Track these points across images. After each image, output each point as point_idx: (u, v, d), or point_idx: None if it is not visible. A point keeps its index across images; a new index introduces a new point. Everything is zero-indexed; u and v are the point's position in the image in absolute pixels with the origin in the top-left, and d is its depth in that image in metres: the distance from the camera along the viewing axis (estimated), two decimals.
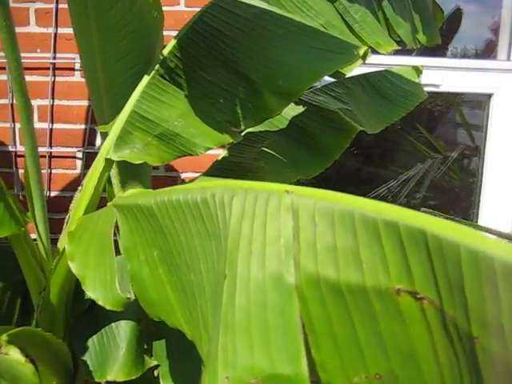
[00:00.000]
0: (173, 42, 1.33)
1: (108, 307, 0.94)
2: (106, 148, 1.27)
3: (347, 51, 1.38)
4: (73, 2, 1.39)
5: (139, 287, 0.90)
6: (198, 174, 1.80)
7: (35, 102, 2.06)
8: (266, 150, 1.74)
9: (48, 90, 2.05)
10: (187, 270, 0.82)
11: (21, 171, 2.08)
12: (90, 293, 0.94)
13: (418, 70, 1.99)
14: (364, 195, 0.65)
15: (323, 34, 1.40)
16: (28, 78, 1.35)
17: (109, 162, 1.26)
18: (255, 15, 1.38)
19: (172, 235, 0.84)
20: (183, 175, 2.10)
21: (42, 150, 2.01)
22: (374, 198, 4.02)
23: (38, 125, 2.08)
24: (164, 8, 1.47)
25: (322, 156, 1.79)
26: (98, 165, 1.26)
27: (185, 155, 1.30)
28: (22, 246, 1.16)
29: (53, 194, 2.12)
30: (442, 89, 2.59)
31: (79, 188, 1.28)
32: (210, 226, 0.76)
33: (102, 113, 1.46)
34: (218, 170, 1.74)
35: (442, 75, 2.57)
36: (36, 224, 1.22)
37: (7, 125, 2.09)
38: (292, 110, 1.80)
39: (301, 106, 1.80)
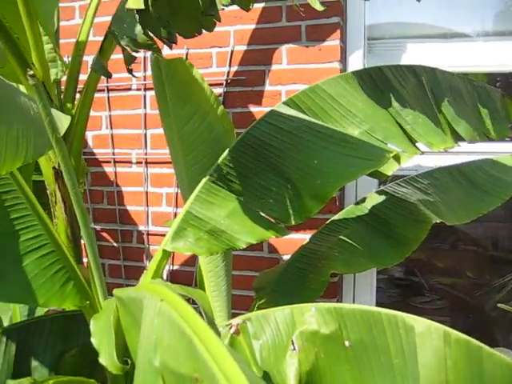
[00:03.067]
0: (224, 154, 1.61)
1: (113, 372, 1.21)
2: (165, 241, 1.57)
3: (376, 157, 1.51)
4: (162, 117, 1.77)
5: (133, 354, 1.16)
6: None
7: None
8: (343, 238, 1.88)
9: (143, 179, 2.47)
10: None
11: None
12: (102, 360, 1.22)
13: None
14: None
15: (357, 141, 1.55)
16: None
17: (165, 253, 1.56)
18: (296, 128, 1.59)
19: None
20: (284, 257, 2.32)
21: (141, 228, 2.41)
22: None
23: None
24: None
25: (401, 246, 1.86)
26: (157, 254, 1.57)
27: (230, 248, 1.54)
28: (89, 313, 1.51)
29: None
30: None
31: (144, 272, 1.60)
32: None
33: (185, 197, 1.79)
34: (301, 255, 1.93)
35: None
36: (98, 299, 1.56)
37: None
38: (374, 201, 1.92)
39: (383, 196, 1.91)
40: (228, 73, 2.41)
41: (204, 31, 1.37)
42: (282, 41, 2.36)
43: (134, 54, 1.53)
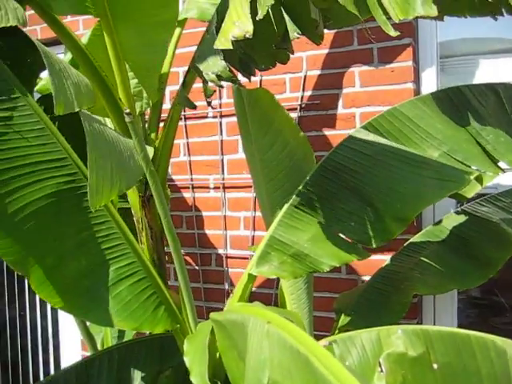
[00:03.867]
0: (305, 179, 1.65)
1: None
2: (250, 265, 1.62)
3: (458, 179, 1.51)
4: (244, 144, 1.83)
5: (231, 375, 1.20)
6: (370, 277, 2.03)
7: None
8: (423, 259, 1.87)
9: (221, 203, 2.52)
10: None
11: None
12: (193, 379, 1.27)
13: None
14: None
15: (437, 164, 1.55)
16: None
17: (251, 277, 1.61)
18: (376, 152, 1.62)
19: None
20: (363, 278, 2.32)
21: (220, 252, 2.47)
22: None
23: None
24: None
25: (485, 267, 1.84)
26: (243, 278, 1.62)
27: (313, 272, 1.58)
28: (179, 336, 1.58)
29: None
30: None
31: (231, 295, 1.66)
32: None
33: (267, 222, 1.83)
34: (381, 276, 1.94)
35: None
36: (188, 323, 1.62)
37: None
38: (454, 221, 1.90)
39: (463, 216, 1.89)
40: (302, 97, 2.46)
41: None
42: (354, 64, 2.39)
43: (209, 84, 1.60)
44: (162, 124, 1.89)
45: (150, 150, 1.49)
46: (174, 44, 2.01)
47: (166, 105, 2.39)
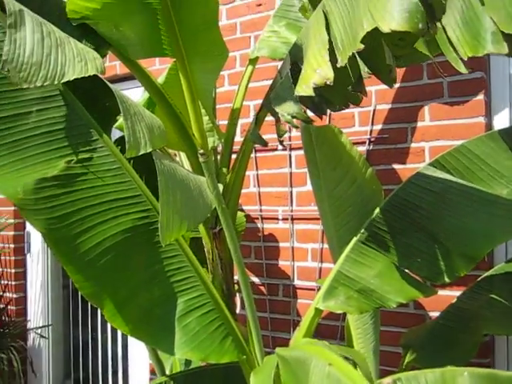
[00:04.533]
0: (373, 215, 1.66)
1: None
2: (316, 299, 1.65)
3: None
4: (312, 179, 1.88)
5: None
6: (438, 313, 2.01)
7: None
8: (495, 297, 1.83)
9: (290, 234, 2.55)
10: None
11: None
12: None
13: None
14: None
15: (506, 202, 1.53)
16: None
17: (317, 311, 1.63)
18: (443, 189, 1.62)
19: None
20: (430, 313, 2.28)
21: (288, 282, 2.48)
22: None
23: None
24: None
25: None
26: (309, 312, 1.65)
27: (380, 307, 1.58)
28: (246, 366, 1.61)
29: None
30: None
31: (297, 327, 1.68)
32: None
33: (334, 256, 1.86)
34: (450, 313, 1.91)
35: None
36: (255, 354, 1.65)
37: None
38: None
39: None
40: (371, 131, 2.48)
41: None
42: (424, 98, 2.39)
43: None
44: (233, 155, 1.96)
45: (221, 187, 1.55)
46: (246, 80, 2.09)
47: (237, 137, 2.46)
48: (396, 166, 2.42)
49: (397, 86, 2.45)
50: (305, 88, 1.25)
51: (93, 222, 1.38)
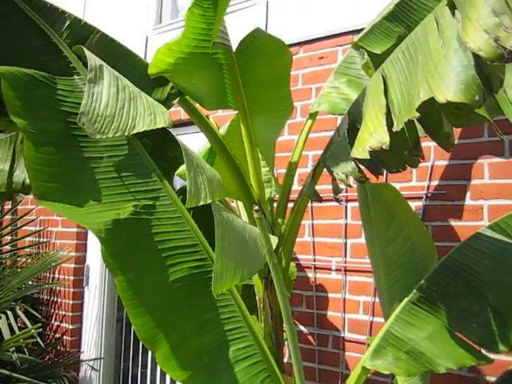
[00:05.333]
0: (426, 276, 1.65)
1: None
2: (364, 357, 1.63)
3: None
4: (366, 235, 1.88)
5: None
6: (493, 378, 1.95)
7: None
8: None
9: (342, 286, 2.52)
10: None
11: None
12: None
13: None
14: None
15: None
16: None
17: (364, 369, 1.62)
18: (500, 253, 1.60)
19: None
20: (487, 378, 2.20)
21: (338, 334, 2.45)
22: None
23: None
24: None
25: None
26: (356, 370, 1.64)
27: (429, 372, 1.56)
28: None
29: None
30: None
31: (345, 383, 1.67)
32: None
33: (385, 313, 1.84)
34: (506, 380, 1.85)
35: None
36: None
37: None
38: None
39: None
40: (428, 187, 2.47)
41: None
42: (483, 155, 2.37)
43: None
44: (289, 203, 2.00)
45: (275, 239, 1.58)
46: (305, 133, 2.14)
47: (295, 185, 2.49)
48: (453, 223, 2.39)
49: (456, 142, 2.44)
50: (361, 151, 1.28)
51: (153, 268, 1.44)
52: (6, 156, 2.12)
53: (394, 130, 1.25)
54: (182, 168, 2.13)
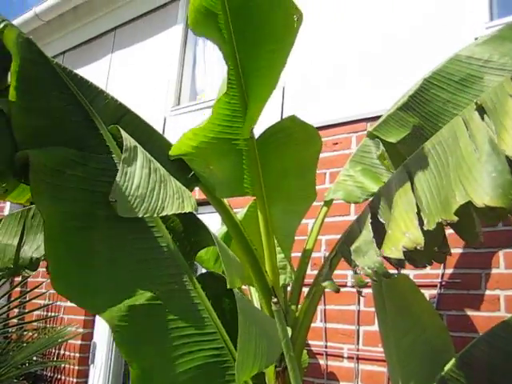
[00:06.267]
0: (443, 372, 1.62)
1: None
2: None
3: None
4: (380, 325, 1.86)
5: None
6: None
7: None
8: None
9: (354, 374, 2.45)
10: None
11: None
12: None
13: None
14: None
15: None
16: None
17: None
18: None
19: None
20: None
21: None
22: None
23: None
24: None
25: None
26: None
27: None
28: None
29: None
30: None
31: None
32: None
33: None
34: None
35: None
36: None
37: None
38: None
39: None
40: (442, 275, 2.46)
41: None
42: (499, 244, 2.36)
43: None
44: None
45: (289, 330, 1.57)
46: (320, 220, 2.15)
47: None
48: (469, 313, 2.36)
49: None
50: (394, 250, 1.29)
51: (169, 356, 1.41)
52: (15, 231, 2.14)
53: (424, 228, 1.26)
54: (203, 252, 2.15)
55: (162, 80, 4.40)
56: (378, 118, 2.06)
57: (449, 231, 2.23)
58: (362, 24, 3.18)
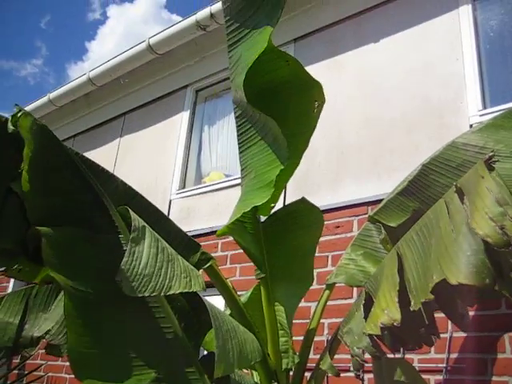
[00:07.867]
0: None
1: None
2: None
3: None
4: None
5: None
6: None
7: None
8: None
9: None
10: None
11: None
12: None
13: None
14: None
15: None
16: None
17: None
18: None
19: None
20: None
21: None
22: None
23: None
24: None
25: None
26: None
27: None
28: None
29: None
30: None
31: None
32: None
33: None
34: None
35: None
36: None
37: None
38: None
39: None
40: (447, 359, 2.42)
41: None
42: (503, 328, 2.35)
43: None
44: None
45: None
46: (322, 304, 2.16)
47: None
48: None
49: (474, 313, 2.43)
50: (373, 327, 1.31)
51: None
52: (16, 309, 2.13)
53: (411, 309, 1.29)
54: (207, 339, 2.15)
55: (168, 164, 4.51)
56: (377, 201, 2.11)
57: None
58: (359, 111, 3.31)
